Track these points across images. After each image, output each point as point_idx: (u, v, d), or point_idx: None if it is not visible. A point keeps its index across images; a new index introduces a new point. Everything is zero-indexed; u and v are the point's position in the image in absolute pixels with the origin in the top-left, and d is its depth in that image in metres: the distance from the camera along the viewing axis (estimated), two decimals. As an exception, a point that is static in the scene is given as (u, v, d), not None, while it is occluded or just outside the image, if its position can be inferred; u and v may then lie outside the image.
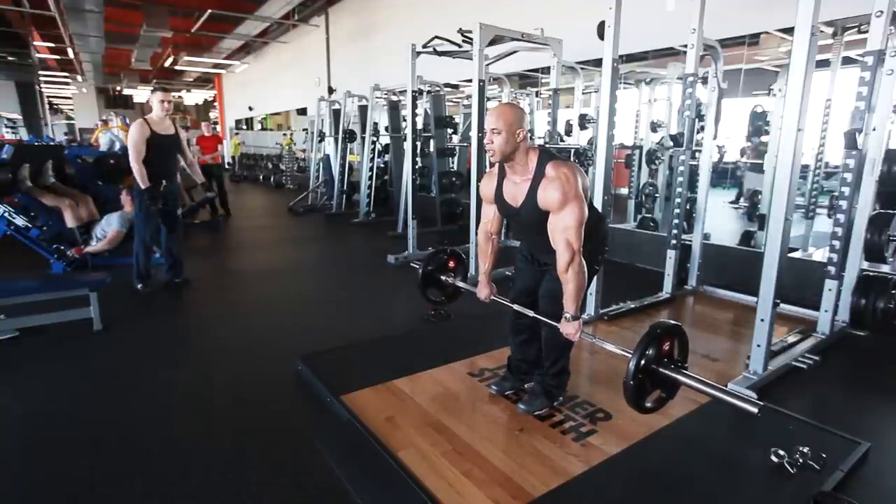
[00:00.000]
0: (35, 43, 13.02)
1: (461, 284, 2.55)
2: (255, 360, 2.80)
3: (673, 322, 1.69)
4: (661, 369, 1.62)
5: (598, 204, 3.08)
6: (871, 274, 3.14)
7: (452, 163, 7.67)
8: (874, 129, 2.79)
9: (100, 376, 2.63)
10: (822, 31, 3.06)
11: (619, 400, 2.28)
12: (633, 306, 3.52)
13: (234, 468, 1.87)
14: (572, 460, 1.87)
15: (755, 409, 1.46)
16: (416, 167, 5.66)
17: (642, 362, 1.59)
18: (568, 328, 1.90)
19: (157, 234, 4.01)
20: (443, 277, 2.58)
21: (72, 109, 24.48)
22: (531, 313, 2.08)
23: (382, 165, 8.83)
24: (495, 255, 2.26)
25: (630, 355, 1.62)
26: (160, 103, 3.68)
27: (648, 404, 1.66)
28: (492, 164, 2.07)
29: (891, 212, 3.06)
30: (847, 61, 3.97)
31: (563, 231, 1.83)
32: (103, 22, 10.17)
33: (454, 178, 6.78)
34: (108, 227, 4.73)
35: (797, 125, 2.24)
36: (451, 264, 2.61)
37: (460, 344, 2.90)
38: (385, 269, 4.93)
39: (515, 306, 2.15)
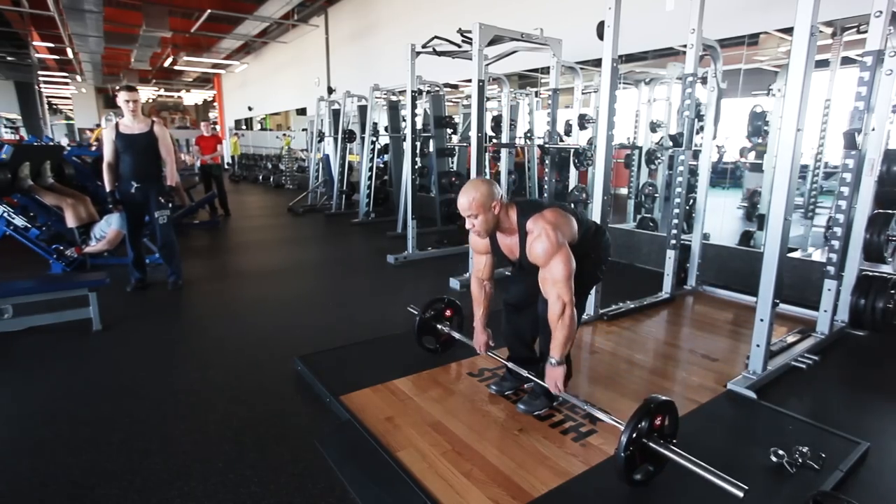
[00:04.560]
0: (34, 43, 13.04)
1: (456, 334, 2.62)
2: (255, 360, 2.80)
3: (664, 397, 1.69)
4: (650, 443, 1.64)
5: (597, 204, 3.09)
6: (870, 274, 3.14)
7: (452, 163, 7.67)
8: (873, 129, 2.79)
9: (100, 376, 2.63)
10: (821, 31, 3.06)
11: (619, 400, 2.30)
12: (632, 306, 3.52)
13: (234, 468, 1.87)
14: (572, 460, 1.87)
15: (741, 493, 1.45)
16: (416, 167, 5.66)
17: (634, 435, 1.60)
18: (553, 373, 1.94)
19: (135, 234, 3.97)
20: (439, 326, 2.67)
21: (71, 109, 24.49)
22: (525, 372, 2.17)
23: (382, 165, 8.84)
24: (488, 300, 2.29)
25: (622, 427, 1.63)
26: (125, 103, 3.66)
27: (638, 476, 1.66)
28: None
29: (890, 212, 3.07)
30: (846, 61, 3.97)
31: (553, 285, 1.86)
32: (103, 22, 10.17)
33: (454, 178, 6.77)
34: (108, 228, 4.74)
35: (797, 125, 2.24)
36: (448, 313, 2.71)
37: (460, 344, 2.90)
38: (385, 269, 4.93)
39: (510, 364, 2.26)
